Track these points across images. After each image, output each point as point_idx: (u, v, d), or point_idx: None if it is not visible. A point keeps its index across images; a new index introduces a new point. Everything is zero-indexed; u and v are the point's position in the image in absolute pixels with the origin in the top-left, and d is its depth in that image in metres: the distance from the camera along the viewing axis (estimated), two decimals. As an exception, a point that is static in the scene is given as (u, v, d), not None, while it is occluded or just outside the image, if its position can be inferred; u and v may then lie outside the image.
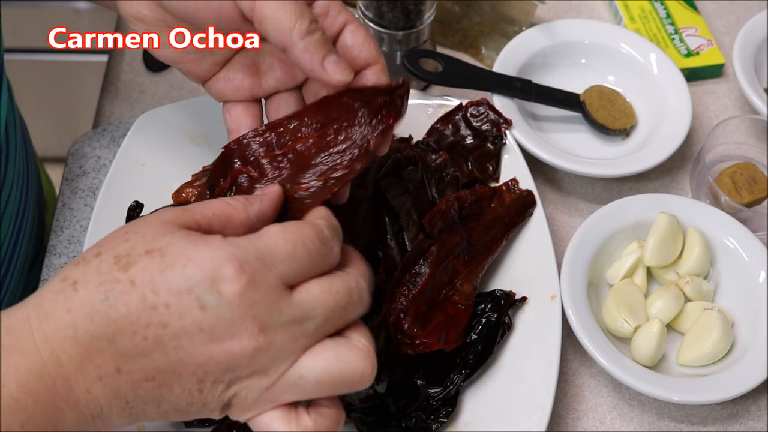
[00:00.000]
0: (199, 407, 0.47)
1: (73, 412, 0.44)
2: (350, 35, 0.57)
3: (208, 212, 0.48)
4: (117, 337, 0.44)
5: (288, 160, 0.55)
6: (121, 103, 0.87)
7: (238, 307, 0.44)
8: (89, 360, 0.44)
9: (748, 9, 0.97)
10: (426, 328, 0.64)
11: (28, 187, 0.78)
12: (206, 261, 0.44)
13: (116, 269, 0.45)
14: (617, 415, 0.70)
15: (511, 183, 0.74)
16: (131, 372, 0.45)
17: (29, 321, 0.44)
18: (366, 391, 0.62)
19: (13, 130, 0.75)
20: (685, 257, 0.73)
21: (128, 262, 0.45)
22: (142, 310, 0.44)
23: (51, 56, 1.67)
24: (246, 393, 0.47)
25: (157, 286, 0.44)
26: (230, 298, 0.44)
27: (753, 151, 0.83)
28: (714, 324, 0.68)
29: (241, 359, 0.45)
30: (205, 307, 0.44)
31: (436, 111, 0.78)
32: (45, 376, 0.43)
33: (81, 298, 0.44)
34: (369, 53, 0.57)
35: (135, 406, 0.46)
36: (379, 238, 0.67)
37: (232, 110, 0.61)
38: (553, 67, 0.87)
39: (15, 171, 0.74)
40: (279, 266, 0.46)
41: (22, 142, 0.79)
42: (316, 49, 0.52)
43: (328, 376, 0.47)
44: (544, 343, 0.66)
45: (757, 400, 0.71)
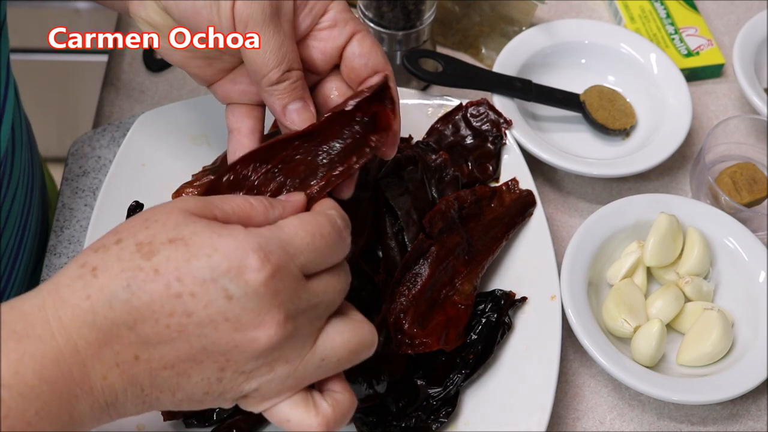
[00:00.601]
0: (214, 396, 0.47)
1: (88, 399, 0.45)
2: (357, 44, 0.59)
3: (228, 208, 0.49)
4: (138, 324, 0.44)
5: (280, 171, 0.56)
6: (121, 103, 0.87)
7: (263, 296, 0.45)
8: (108, 346, 0.44)
9: (748, 9, 0.97)
10: (426, 328, 0.64)
11: (32, 186, 0.79)
12: (231, 251, 0.45)
13: (139, 257, 0.45)
14: (617, 415, 0.70)
15: (511, 183, 0.74)
16: (150, 360, 0.45)
17: (45, 308, 0.44)
18: (366, 391, 0.62)
19: (19, 129, 0.75)
20: (685, 257, 0.73)
21: (151, 250, 0.45)
22: (166, 298, 0.44)
23: (51, 56, 1.67)
24: (268, 382, 0.47)
25: (182, 275, 0.44)
26: (256, 287, 0.45)
27: (753, 151, 0.83)
28: (714, 324, 0.68)
29: (267, 348, 0.46)
30: (231, 296, 0.45)
31: (436, 111, 0.78)
32: (61, 362, 0.44)
33: (101, 284, 0.44)
34: (376, 61, 0.59)
35: (150, 393, 0.46)
36: (379, 238, 0.67)
37: (235, 110, 0.62)
38: (553, 67, 0.87)
39: (20, 170, 0.75)
40: (300, 256, 0.47)
41: (27, 142, 0.79)
42: (280, 96, 0.57)
43: (347, 351, 0.49)
44: (544, 343, 0.66)
45: (757, 400, 0.71)
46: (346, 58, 0.59)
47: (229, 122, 0.62)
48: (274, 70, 0.56)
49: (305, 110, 0.57)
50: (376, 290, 0.66)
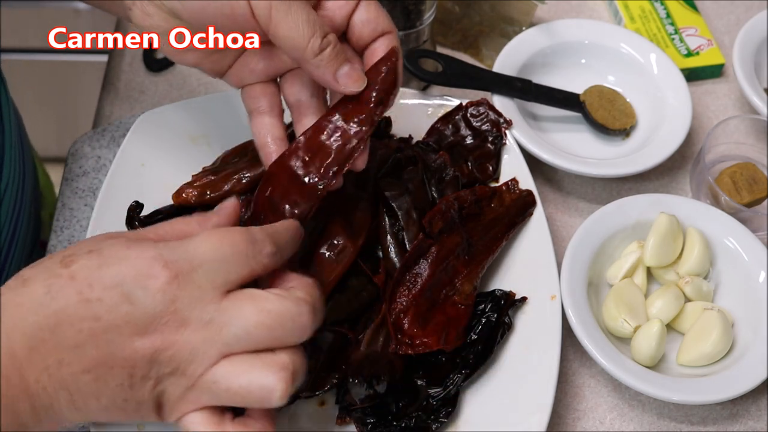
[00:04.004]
0: (134, 405, 0.48)
1: (27, 402, 0.47)
2: (364, 10, 0.60)
3: (162, 231, 0.51)
4: (57, 328, 0.46)
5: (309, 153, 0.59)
6: (121, 103, 0.87)
7: (160, 301, 0.47)
8: (36, 351, 0.46)
9: (748, 9, 0.97)
10: (426, 328, 0.64)
11: (24, 182, 0.79)
12: (136, 259, 0.47)
13: (59, 266, 0.48)
14: (617, 415, 0.70)
15: (511, 183, 0.74)
16: (71, 363, 0.47)
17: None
18: (366, 391, 0.62)
19: (9, 126, 0.75)
20: (685, 257, 0.73)
21: (71, 260, 0.48)
22: (78, 303, 0.46)
23: (51, 56, 1.67)
24: (171, 391, 0.48)
25: (92, 281, 0.47)
26: (154, 293, 0.47)
27: (753, 151, 0.83)
28: (714, 324, 0.68)
29: (161, 353, 0.47)
30: (132, 301, 0.47)
31: (436, 111, 0.78)
32: (3, 367, 0.46)
33: (28, 291, 0.47)
34: (384, 24, 0.60)
35: (78, 399, 0.47)
36: (379, 238, 0.67)
37: (249, 91, 0.62)
38: (553, 67, 0.87)
39: (11, 166, 0.75)
40: (205, 266, 0.48)
41: (18, 137, 0.79)
42: (328, 65, 0.57)
43: (237, 387, 0.48)
44: (544, 343, 0.66)
45: (757, 400, 0.71)
46: (354, 25, 0.60)
47: (247, 104, 0.62)
48: (313, 39, 0.55)
49: (355, 71, 0.58)
50: (376, 290, 0.66)
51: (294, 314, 0.49)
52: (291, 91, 0.62)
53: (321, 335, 0.64)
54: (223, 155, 0.72)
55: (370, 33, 0.59)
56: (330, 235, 0.64)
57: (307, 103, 0.62)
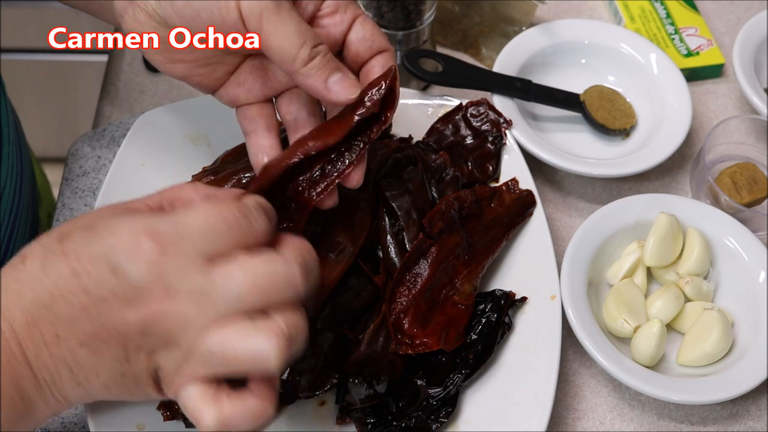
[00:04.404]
0: (132, 380, 0.48)
1: (31, 379, 0.47)
2: (360, 27, 0.60)
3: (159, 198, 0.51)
4: (52, 303, 0.46)
5: None
6: (120, 104, 0.87)
7: (147, 273, 0.46)
8: (34, 326, 0.47)
9: (748, 9, 0.97)
10: (426, 328, 0.64)
11: (22, 182, 0.79)
12: (125, 232, 0.47)
13: (55, 242, 0.48)
14: (617, 415, 0.70)
15: (511, 183, 0.74)
16: (68, 338, 0.47)
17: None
18: (366, 391, 0.62)
19: (6, 126, 0.75)
20: (685, 257, 0.73)
21: (66, 237, 0.48)
22: (68, 277, 0.46)
23: (51, 56, 1.67)
24: (166, 364, 0.48)
25: (80, 255, 0.47)
26: (141, 265, 0.46)
27: (753, 151, 0.83)
28: (714, 324, 0.68)
29: (152, 325, 0.47)
30: (120, 274, 0.46)
31: (436, 111, 0.78)
32: (5, 344, 0.46)
33: (26, 268, 0.47)
34: (380, 41, 0.60)
35: (79, 374, 0.47)
36: (379, 238, 0.67)
37: (246, 112, 0.62)
38: (553, 67, 0.87)
39: (9, 165, 0.75)
40: (195, 238, 0.47)
41: (15, 137, 0.79)
42: (318, 73, 0.56)
43: (232, 354, 0.47)
44: (544, 343, 0.66)
45: (757, 400, 0.71)
46: (350, 43, 0.60)
47: (243, 126, 0.62)
48: (303, 48, 0.55)
49: (346, 79, 0.57)
50: (376, 290, 0.66)
51: (286, 274, 0.48)
52: (288, 110, 0.62)
53: (321, 335, 0.64)
54: (223, 156, 0.72)
55: (367, 51, 0.60)
56: (330, 235, 0.65)
57: (304, 121, 0.62)
